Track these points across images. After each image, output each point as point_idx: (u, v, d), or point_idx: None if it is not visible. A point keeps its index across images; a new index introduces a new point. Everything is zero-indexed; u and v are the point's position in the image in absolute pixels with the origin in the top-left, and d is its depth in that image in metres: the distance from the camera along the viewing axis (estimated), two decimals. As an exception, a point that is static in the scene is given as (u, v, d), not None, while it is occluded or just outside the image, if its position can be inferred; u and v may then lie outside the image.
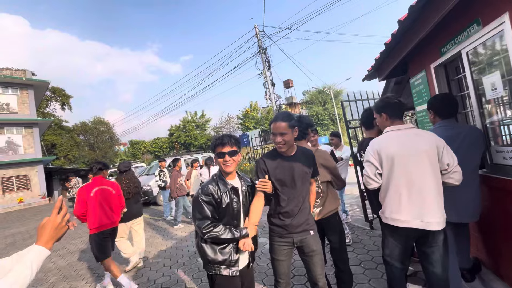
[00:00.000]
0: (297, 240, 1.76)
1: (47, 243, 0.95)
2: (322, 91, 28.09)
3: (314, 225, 1.83)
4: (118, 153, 37.28)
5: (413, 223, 1.62)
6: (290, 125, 1.68)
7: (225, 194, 1.62)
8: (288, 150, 1.75)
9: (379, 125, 2.01)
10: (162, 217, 7.49)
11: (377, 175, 1.77)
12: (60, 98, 31.87)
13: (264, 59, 10.86)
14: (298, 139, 2.21)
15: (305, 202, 1.79)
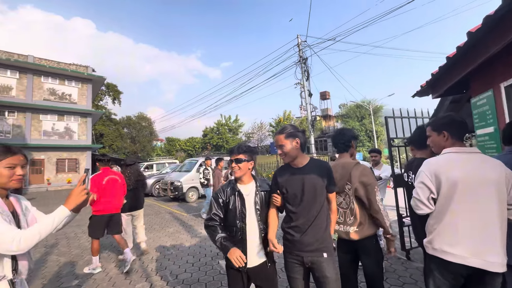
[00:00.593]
0: (307, 260, 1.65)
1: (69, 205, 1.29)
2: (361, 105, 26.88)
3: (330, 248, 1.67)
4: (155, 148, 39.76)
5: (470, 260, 1.39)
6: (286, 136, 1.72)
7: (232, 197, 1.78)
8: (295, 161, 1.75)
9: (434, 145, 1.80)
10: (189, 213, 7.73)
11: (431, 199, 1.57)
12: (112, 93, 35.31)
13: (303, 69, 10.78)
14: (340, 151, 2.11)
15: (319, 219, 1.67)
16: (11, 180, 1.26)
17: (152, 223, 6.54)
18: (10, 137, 17.84)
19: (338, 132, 2.17)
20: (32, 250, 1.28)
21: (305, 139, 1.79)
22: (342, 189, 1.96)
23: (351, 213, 1.93)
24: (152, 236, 5.37)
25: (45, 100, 19.27)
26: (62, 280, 3.39)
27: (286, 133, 1.73)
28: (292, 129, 1.76)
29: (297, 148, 1.72)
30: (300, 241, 1.66)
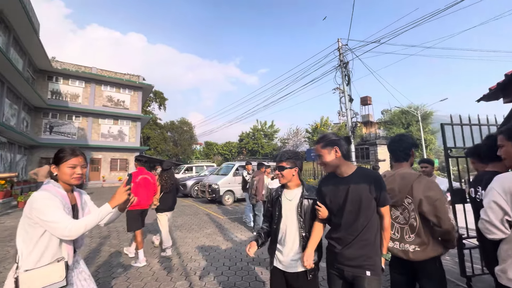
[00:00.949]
0: (348, 274, 1.56)
1: (112, 203, 1.44)
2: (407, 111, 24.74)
3: (377, 267, 1.53)
4: (195, 151, 41.89)
5: None
6: (323, 146, 1.66)
7: (275, 200, 1.90)
8: (340, 171, 1.66)
9: (509, 157, 1.55)
10: (225, 216, 7.90)
11: (505, 222, 1.34)
12: (159, 100, 38.46)
13: (344, 73, 10.34)
14: (399, 160, 1.92)
15: (365, 234, 1.54)
16: (72, 178, 1.46)
17: (191, 223, 6.84)
18: (76, 138, 20.54)
19: (397, 139, 1.96)
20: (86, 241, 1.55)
21: (347, 147, 1.70)
22: (400, 203, 1.78)
23: (411, 230, 1.74)
24: (191, 236, 5.61)
25: (104, 106, 21.81)
26: (113, 270, 3.72)
27: (324, 142, 1.67)
28: (330, 137, 1.68)
29: (338, 157, 1.64)
30: (342, 253, 1.58)
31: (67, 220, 1.32)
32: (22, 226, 1.35)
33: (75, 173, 1.47)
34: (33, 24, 13.66)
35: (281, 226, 1.81)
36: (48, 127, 19.66)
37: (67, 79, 20.52)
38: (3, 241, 5.19)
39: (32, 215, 1.31)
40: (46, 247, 1.33)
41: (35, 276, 1.28)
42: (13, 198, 9.77)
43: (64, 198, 1.42)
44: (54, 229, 1.30)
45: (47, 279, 1.30)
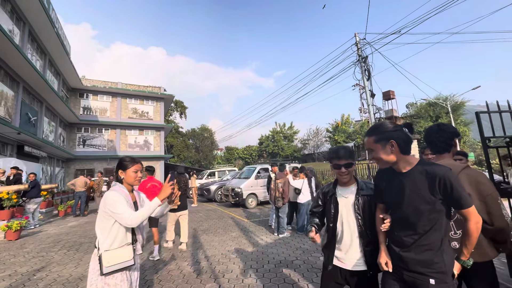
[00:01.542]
0: (408, 279, 1.38)
1: (160, 197, 1.80)
2: (435, 103, 23.25)
3: (444, 276, 1.31)
4: (216, 156, 42.71)
5: None
6: (377, 140, 1.42)
7: (329, 198, 1.84)
8: (397, 165, 1.43)
9: None
10: (250, 219, 7.92)
11: None
12: (180, 109, 39.82)
13: (363, 68, 9.98)
14: (440, 152, 1.80)
15: (428, 238, 1.33)
16: (135, 180, 1.88)
17: (216, 227, 6.94)
18: (106, 149, 21.84)
19: (436, 129, 1.81)
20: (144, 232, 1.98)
21: (406, 138, 1.41)
22: None
23: (456, 225, 1.62)
24: (217, 239, 5.68)
25: (130, 118, 23.02)
26: (145, 273, 3.87)
27: (376, 135, 1.44)
28: (385, 129, 1.42)
29: (394, 152, 1.40)
30: (400, 256, 1.42)
31: (129, 212, 1.70)
32: (99, 218, 1.75)
33: (137, 176, 1.88)
34: (65, 47, 14.86)
35: (338, 224, 1.77)
36: (81, 141, 21.14)
37: (96, 95, 22.00)
38: (48, 247, 5.62)
39: (106, 209, 1.71)
40: (116, 234, 1.73)
41: (112, 255, 1.69)
42: (54, 208, 10.59)
43: (127, 196, 1.81)
44: (120, 219, 1.68)
45: (121, 258, 1.71)
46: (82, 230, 7.26)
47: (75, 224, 8.36)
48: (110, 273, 1.67)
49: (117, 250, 1.71)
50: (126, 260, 1.73)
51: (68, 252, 5.19)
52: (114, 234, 1.72)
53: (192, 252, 4.84)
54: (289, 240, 5.45)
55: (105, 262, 1.65)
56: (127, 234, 1.79)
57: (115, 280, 1.71)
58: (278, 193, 5.99)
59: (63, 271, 4.10)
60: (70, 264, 4.41)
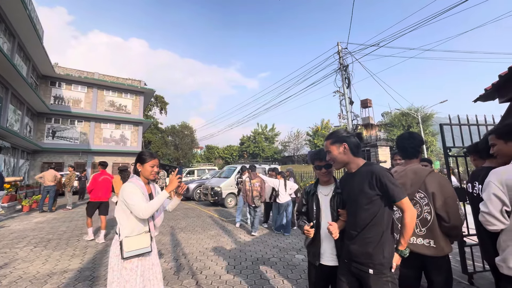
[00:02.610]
0: (354, 270, 1.56)
1: (168, 189, 1.91)
2: (408, 113, 24.84)
3: (381, 266, 1.46)
4: (196, 155, 41.99)
5: None
6: (332, 142, 1.69)
7: (310, 196, 1.96)
8: (349, 167, 1.68)
9: (501, 154, 1.65)
10: (228, 218, 7.95)
11: (504, 213, 1.43)
12: (160, 104, 38.67)
13: (344, 76, 10.48)
14: (409, 157, 2.00)
15: (369, 232, 1.50)
16: (151, 174, 1.98)
17: (194, 225, 6.90)
18: (78, 143, 20.65)
19: (408, 136, 2.02)
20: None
21: (357, 143, 1.67)
22: (412, 197, 1.83)
23: (422, 224, 1.80)
24: (195, 237, 5.67)
25: (106, 111, 21.97)
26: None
27: (333, 138, 1.69)
28: (339, 134, 1.69)
29: (346, 154, 1.64)
30: (348, 248, 1.60)
31: (141, 203, 1.81)
32: (120, 206, 1.88)
33: (153, 170, 1.98)
34: (38, 31, 13.89)
35: (321, 220, 1.86)
36: (50, 132, 19.81)
37: (70, 85, 20.74)
38: (11, 243, 5.26)
39: (123, 199, 1.84)
40: (136, 222, 1.87)
41: (132, 241, 1.82)
42: (18, 202, 9.85)
43: (143, 188, 1.92)
44: (133, 209, 1.81)
45: (139, 244, 1.85)
46: (49, 227, 6.85)
47: (41, 220, 7.86)
48: (129, 258, 1.81)
49: (136, 237, 1.85)
50: (144, 247, 1.87)
51: (35, 248, 4.90)
52: (133, 223, 1.87)
53: (170, 249, 4.80)
54: (267, 238, 5.58)
55: (126, 247, 1.80)
56: (145, 223, 1.92)
57: (131, 264, 1.85)
58: (256, 193, 6.11)
59: (30, 268, 3.89)
60: (37, 261, 4.18)
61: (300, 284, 3.29)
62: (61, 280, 3.43)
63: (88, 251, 4.68)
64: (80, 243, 5.19)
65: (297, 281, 3.39)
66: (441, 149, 28.16)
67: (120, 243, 1.82)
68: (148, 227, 1.94)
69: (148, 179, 2.00)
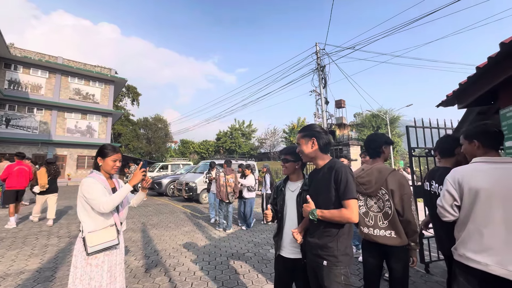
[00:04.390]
0: (312, 263, 1.64)
1: (131, 182, 1.88)
2: (377, 115, 26.38)
3: (335, 259, 1.53)
4: (169, 149, 40.65)
5: (493, 268, 1.41)
6: (303, 136, 1.73)
7: (278, 191, 2.03)
8: (316, 162, 1.72)
9: (466, 153, 1.81)
10: (203, 214, 7.85)
11: (454, 207, 1.59)
12: (132, 95, 36.70)
13: (321, 76, 10.80)
14: (373, 157, 2.12)
15: (328, 226, 1.57)
16: (112, 169, 1.93)
17: (167, 222, 6.71)
18: (37, 132, 18.89)
19: (370, 138, 2.16)
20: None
21: (326, 140, 1.70)
22: (375, 193, 1.96)
23: (384, 217, 1.93)
24: (168, 234, 5.52)
25: (71, 99, 20.33)
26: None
27: (304, 132, 1.73)
28: (311, 129, 1.73)
29: (314, 149, 1.68)
30: (309, 242, 1.67)
31: (101, 198, 1.76)
32: (79, 202, 1.81)
33: (115, 165, 1.93)
34: (-11, 5, 12.34)
35: (285, 215, 1.93)
36: (4, 120, 17.86)
37: (28, 68, 18.81)
38: (-47, 243, 4.69)
39: (82, 194, 1.77)
40: (97, 217, 1.80)
41: (96, 236, 1.77)
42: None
43: (104, 182, 1.86)
44: (92, 204, 1.75)
45: (104, 238, 1.79)
46: (1, 224, 6.21)
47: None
48: (94, 253, 1.75)
49: (100, 231, 1.80)
50: (109, 240, 1.82)
51: (-16, 248, 4.42)
52: (95, 217, 1.81)
53: (141, 246, 4.62)
54: (241, 234, 5.61)
55: (89, 242, 1.74)
56: (108, 217, 1.86)
57: (97, 260, 1.79)
58: (230, 189, 5.99)
59: (-22, 270, 3.50)
60: (-13, 262, 3.78)
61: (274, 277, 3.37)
62: (16, 282, 3.14)
63: (48, 250, 4.34)
64: (39, 241, 4.79)
65: (271, 275, 3.46)
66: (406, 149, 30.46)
67: (83, 239, 1.76)
68: (112, 221, 1.88)
69: (110, 173, 1.95)
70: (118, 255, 1.95)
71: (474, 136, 1.65)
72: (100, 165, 1.92)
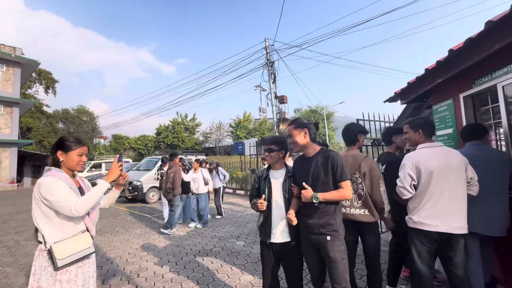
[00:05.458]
0: (314, 241, 1.81)
1: (108, 179, 1.62)
2: (315, 111, 29.00)
3: (336, 233, 1.76)
4: (97, 146, 35.64)
5: (441, 227, 1.85)
6: (295, 127, 1.87)
7: (263, 180, 2.08)
8: (306, 151, 1.89)
9: (410, 141, 2.20)
10: (152, 214, 7.23)
11: (412, 186, 1.97)
12: (46, 82, 30.34)
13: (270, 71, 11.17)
14: (348, 144, 2.34)
15: (325, 207, 1.77)
16: (78, 165, 1.63)
17: (113, 226, 5.94)
18: None
19: (346, 127, 2.39)
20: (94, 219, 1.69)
21: (315, 131, 1.91)
22: (351, 177, 2.17)
23: (358, 198, 2.16)
24: (117, 239, 4.90)
25: (-47, 83, 15.53)
26: (18, 293, 2.87)
27: (296, 123, 1.88)
28: (302, 121, 1.89)
29: (306, 139, 1.85)
30: (307, 223, 1.82)
31: (72, 199, 1.47)
32: (36, 207, 1.47)
33: (81, 160, 1.63)
34: None
35: (272, 202, 1.99)
36: None
37: None
38: None
39: (41, 197, 1.45)
40: (63, 223, 1.50)
41: (66, 246, 1.47)
42: None
43: (68, 181, 1.55)
44: (61, 207, 1.44)
45: (78, 247, 1.51)
46: None
47: None
48: (64, 267, 1.45)
49: (71, 240, 1.51)
50: (85, 248, 1.55)
51: None
52: (60, 224, 1.50)
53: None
54: (202, 230, 5.42)
55: (58, 254, 1.43)
56: (78, 221, 1.57)
57: (68, 275, 1.50)
58: (169, 185, 5.42)
59: None
60: None
61: (248, 267, 3.40)
62: None
63: (-51, 278, 3.30)
64: None
65: (245, 265, 3.48)
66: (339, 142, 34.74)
67: (49, 252, 1.44)
68: (83, 225, 1.59)
69: (74, 170, 1.65)
70: (91, 266, 1.67)
71: (419, 126, 2.07)
72: (61, 161, 1.59)
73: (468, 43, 1.96)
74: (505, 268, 2.26)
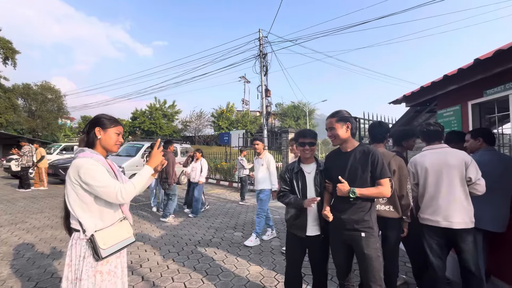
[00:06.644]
0: (346, 237, 1.80)
1: (151, 164, 1.52)
2: (298, 106, 29.44)
3: (372, 230, 1.75)
4: (63, 127, 32.85)
5: (442, 223, 2.04)
6: (338, 120, 1.82)
7: (295, 174, 2.06)
8: (344, 145, 1.86)
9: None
10: (137, 203, 6.92)
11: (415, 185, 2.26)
12: (4, 51, 26.97)
13: (262, 63, 11.03)
14: (377, 142, 2.39)
15: (361, 203, 1.76)
16: (115, 144, 1.51)
17: (97, 214, 5.57)
18: None
19: (377, 124, 2.43)
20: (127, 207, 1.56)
21: (357, 126, 1.88)
22: None
23: None
24: (106, 227, 4.61)
25: None
26: (7, 285, 2.59)
27: (338, 116, 1.83)
28: (344, 114, 1.83)
29: (348, 133, 1.81)
30: (340, 218, 1.81)
31: (116, 184, 1.35)
32: (73, 192, 1.34)
33: (118, 140, 1.52)
34: None
35: (307, 196, 1.99)
36: None
37: None
38: None
39: (80, 181, 1.31)
40: (102, 209, 1.38)
41: (108, 234, 1.37)
42: None
43: (105, 164, 1.41)
44: (104, 193, 1.33)
45: (119, 236, 1.42)
46: None
47: None
48: (107, 257, 1.35)
49: (112, 228, 1.41)
50: (127, 237, 1.47)
51: None
52: (99, 211, 1.38)
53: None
54: (195, 221, 5.31)
55: (101, 243, 1.32)
56: (116, 208, 1.46)
57: (109, 266, 1.40)
58: (164, 174, 5.30)
59: None
60: None
61: (254, 259, 3.40)
62: None
63: None
64: None
65: (249, 256, 3.48)
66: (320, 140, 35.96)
67: (91, 240, 1.32)
68: (121, 213, 1.50)
69: (111, 150, 1.52)
70: (125, 256, 1.59)
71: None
72: (99, 139, 1.46)
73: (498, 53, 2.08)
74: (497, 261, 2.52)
